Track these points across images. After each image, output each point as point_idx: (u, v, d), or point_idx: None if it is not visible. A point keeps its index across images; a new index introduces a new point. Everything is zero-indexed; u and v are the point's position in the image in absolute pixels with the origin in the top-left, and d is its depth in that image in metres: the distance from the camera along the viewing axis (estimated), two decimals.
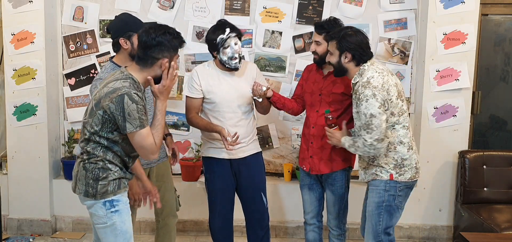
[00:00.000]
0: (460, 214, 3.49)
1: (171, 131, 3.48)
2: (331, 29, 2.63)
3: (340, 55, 2.48)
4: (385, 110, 2.41)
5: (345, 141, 2.54)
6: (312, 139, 2.77)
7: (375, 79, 2.41)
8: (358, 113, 2.45)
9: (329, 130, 2.61)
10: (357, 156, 2.69)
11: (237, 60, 2.69)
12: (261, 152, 2.94)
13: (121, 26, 2.51)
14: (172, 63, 2.10)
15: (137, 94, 2.03)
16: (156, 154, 2.10)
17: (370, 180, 2.59)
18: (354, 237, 3.77)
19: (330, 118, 2.62)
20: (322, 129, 2.70)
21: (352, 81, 2.51)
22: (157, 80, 2.12)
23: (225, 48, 2.65)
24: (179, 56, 2.19)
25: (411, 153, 2.52)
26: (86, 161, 2.11)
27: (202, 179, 3.53)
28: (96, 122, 2.06)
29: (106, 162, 2.10)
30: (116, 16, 2.69)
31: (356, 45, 2.44)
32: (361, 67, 2.47)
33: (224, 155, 2.78)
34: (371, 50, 2.55)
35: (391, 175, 2.50)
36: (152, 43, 2.05)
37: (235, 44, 2.66)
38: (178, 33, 2.15)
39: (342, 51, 2.46)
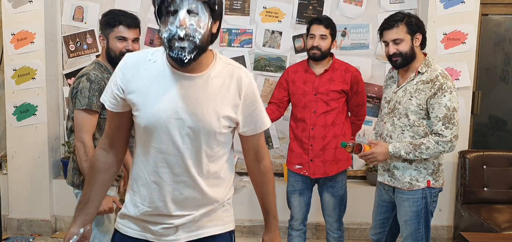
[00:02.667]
0: (460, 214, 3.49)
1: None
2: (334, 27, 2.66)
3: (411, 39, 2.28)
4: None
5: (401, 149, 2.25)
6: (312, 141, 2.68)
7: (444, 71, 2.27)
8: (433, 106, 2.21)
9: (366, 154, 2.35)
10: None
11: None
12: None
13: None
14: None
15: (97, 76, 2.08)
16: (78, 144, 2.07)
17: (403, 188, 2.37)
18: (353, 237, 3.77)
19: (351, 145, 2.40)
20: (323, 129, 2.65)
21: (419, 70, 2.30)
22: (110, 62, 2.18)
23: None
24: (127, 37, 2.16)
25: (442, 157, 2.39)
26: (72, 153, 2.22)
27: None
28: (71, 108, 2.16)
29: None
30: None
31: (422, 25, 2.30)
32: (426, 58, 2.33)
33: None
34: (370, 49, 2.58)
35: (428, 182, 2.34)
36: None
37: None
38: (113, 12, 2.17)
39: (414, 32, 2.28)
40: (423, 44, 2.35)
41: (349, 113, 2.82)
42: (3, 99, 3.76)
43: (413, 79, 2.32)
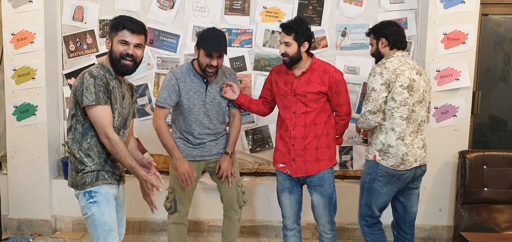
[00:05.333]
0: (460, 214, 3.49)
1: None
2: (299, 28, 2.60)
3: (377, 43, 2.75)
4: (388, 91, 2.59)
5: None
6: (293, 141, 2.71)
7: (391, 63, 2.63)
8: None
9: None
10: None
11: None
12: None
13: None
14: None
15: (99, 72, 2.15)
16: (104, 138, 2.13)
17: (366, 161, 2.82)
18: (354, 237, 3.78)
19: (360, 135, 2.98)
20: (303, 129, 2.68)
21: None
22: (112, 65, 2.22)
23: None
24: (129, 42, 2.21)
25: (399, 143, 2.63)
26: (70, 155, 2.24)
27: (202, 179, 3.53)
28: (71, 106, 2.20)
29: (83, 155, 2.19)
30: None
31: (391, 32, 2.71)
32: (392, 53, 2.71)
33: None
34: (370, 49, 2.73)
35: (374, 156, 2.69)
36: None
37: None
38: (121, 18, 2.23)
39: (378, 38, 2.74)
40: (393, 46, 2.75)
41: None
42: (3, 99, 3.76)
43: None
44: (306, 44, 2.64)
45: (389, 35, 2.69)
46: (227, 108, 2.93)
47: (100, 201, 2.19)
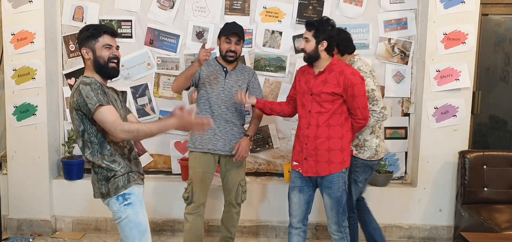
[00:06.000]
0: (460, 214, 3.49)
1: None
2: (320, 27, 2.64)
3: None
4: None
5: None
6: (306, 139, 2.71)
7: (366, 65, 2.89)
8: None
9: None
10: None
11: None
12: None
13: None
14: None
15: (91, 78, 2.20)
16: (121, 133, 2.11)
17: None
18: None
19: None
20: (316, 129, 2.67)
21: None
22: (99, 71, 2.24)
23: None
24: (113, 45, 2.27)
25: (372, 136, 2.93)
26: (94, 167, 2.25)
27: None
28: (77, 124, 2.20)
29: (109, 162, 2.21)
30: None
31: (341, 39, 2.86)
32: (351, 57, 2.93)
33: None
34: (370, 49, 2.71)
35: (351, 151, 2.87)
36: (77, 44, 2.36)
37: None
38: (92, 25, 2.30)
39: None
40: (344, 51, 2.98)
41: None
42: (3, 99, 3.76)
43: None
44: (324, 43, 2.66)
45: (339, 42, 2.85)
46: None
47: (134, 202, 2.21)
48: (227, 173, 3.07)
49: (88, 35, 2.24)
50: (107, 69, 2.24)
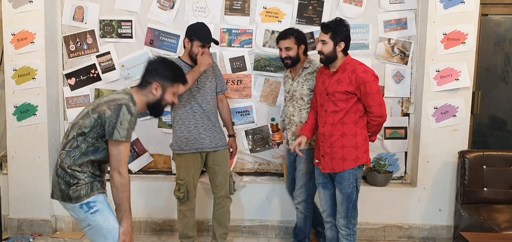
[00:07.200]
0: (460, 214, 3.49)
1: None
2: (337, 28, 2.72)
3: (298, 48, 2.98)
4: None
5: None
6: (323, 137, 2.84)
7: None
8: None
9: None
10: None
11: None
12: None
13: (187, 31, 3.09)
14: (169, 96, 2.28)
15: (135, 110, 2.16)
16: (117, 174, 2.13)
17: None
18: (360, 237, 3.76)
19: (274, 123, 3.18)
20: (331, 128, 2.77)
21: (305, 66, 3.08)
22: (152, 107, 2.28)
23: None
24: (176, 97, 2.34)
25: None
26: (58, 168, 2.18)
27: (201, 179, 3.53)
28: (86, 124, 2.14)
29: (75, 169, 2.15)
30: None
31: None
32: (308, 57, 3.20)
33: None
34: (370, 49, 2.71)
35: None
36: (149, 68, 2.27)
37: None
38: (179, 69, 2.32)
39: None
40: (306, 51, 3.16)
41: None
42: (3, 99, 3.76)
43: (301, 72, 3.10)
44: (342, 44, 2.76)
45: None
46: (215, 94, 3.22)
47: (102, 208, 2.17)
48: (216, 167, 3.19)
49: (172, 76, 2.27)
50: (160, 110, 2.30)
